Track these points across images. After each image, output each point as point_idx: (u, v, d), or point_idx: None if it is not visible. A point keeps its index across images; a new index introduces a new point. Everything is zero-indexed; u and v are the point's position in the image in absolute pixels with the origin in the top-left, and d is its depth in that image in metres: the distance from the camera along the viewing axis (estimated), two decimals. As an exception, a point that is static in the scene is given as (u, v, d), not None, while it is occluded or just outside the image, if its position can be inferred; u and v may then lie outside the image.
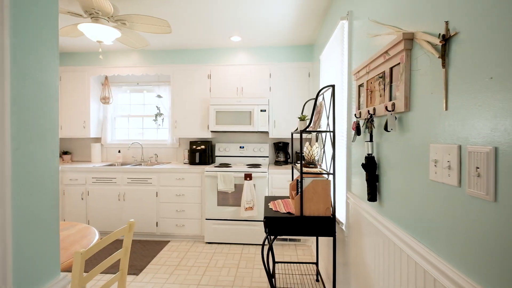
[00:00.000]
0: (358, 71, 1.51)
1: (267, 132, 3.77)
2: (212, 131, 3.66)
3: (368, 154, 1.32)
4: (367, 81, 1.40)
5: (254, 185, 3.25)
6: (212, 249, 3.19)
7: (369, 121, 1.32)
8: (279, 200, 2.32)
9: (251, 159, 3.85)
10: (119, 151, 4.10)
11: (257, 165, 3.62)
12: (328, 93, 2.28)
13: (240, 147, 3.87)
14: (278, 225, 1.87)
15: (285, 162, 3.68)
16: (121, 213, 3.48)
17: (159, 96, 4.03)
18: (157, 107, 4.11)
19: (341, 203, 2.02)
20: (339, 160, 2.06)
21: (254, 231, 3.26)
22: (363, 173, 1.52)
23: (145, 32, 2.51)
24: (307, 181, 1.87)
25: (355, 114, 1.59)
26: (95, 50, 3.86)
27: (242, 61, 3.70)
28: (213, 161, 3.98)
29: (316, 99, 1.94)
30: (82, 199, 3.53)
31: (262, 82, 3.64)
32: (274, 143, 3.80)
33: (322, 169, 2.11)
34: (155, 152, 4.14)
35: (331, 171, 1.97)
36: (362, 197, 1.53)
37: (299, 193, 1.87)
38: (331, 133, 1.90)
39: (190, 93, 3.73)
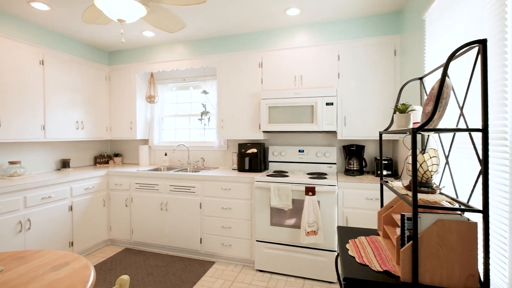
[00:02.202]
0: None
1: (334, 132, 2.92)
2: (264, 131, 2.99)
3: None
4: None
5: (319, 202, 2.47)
6: (264, 280, 2.52)
7: None
8: (363, 239, 1.50)
9: (313, 166, 3.06)
10: (165, 154, 3.76)
11: (321, 175, 2.81)
12: (460, 64, 1.37)
13: (299, 151, 3.11)
14: (369, 295, 1.08)
15: (359, 172, 2.78)
16: (163, 225, 3.08)
17: (204, 92, 3.54)
18: (202, 104, 3.64)
19: (502, 268, 1.11)
20: (495, 184, 1.15)
21: (318, 263, 2.48)
22: None
23: (174, 5, 1.95)
24: (426, 220, 1.04)
25: None
26: (139, 45, 3.57)
27: (301, 42, 2.94)
28: (265, 167, 3.31)
29: (445, 72, 1.06)
30: (126, 206, 3.25)
31: (328, 67, 2.81)
32: (343, 146, 2.94)
33: (451, 197, 1.22)
34: (201, 155, 3.68)
35: (475, 206, 1.08)
36: None
37: (412, 242, 1.05)
38: (483, 133, 1.01)
39: (238, 86, 3.13)
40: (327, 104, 2.67)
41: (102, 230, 3.26)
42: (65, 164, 3.37)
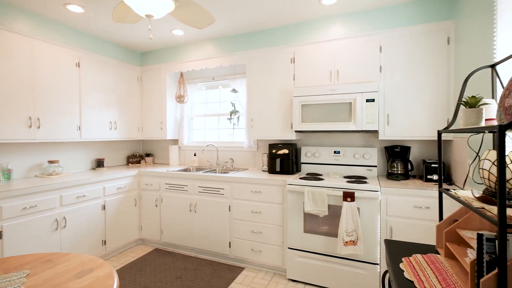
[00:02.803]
0: None
1: (375, 132, 2.65)
2: (296, 131, 2.80)
3: None
4: None
5: (358, 209, 2.23)
6: (296, 292, 2.34)
7: None
8: (420, 258, 1.26)
9: (351, 169, 2.81)
10: (194, 154, 3.72)
11: (360, 178, 2.56)
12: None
13: (335, 152, 2.88)
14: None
15: (404, 176, 2.48)
16: (192, 226, 3.02)
17: (234, 91, 3.43)
18: (231, 103, 3.53)
19: None
20: None
21: (357, 275, 2.24)
22: None
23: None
24: (518, 246, 0.80)
25: None
26: (169, 45, 3.56)
27: (337, 34, 2.71)
28: (297, 170, 3.12)
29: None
30: (156, 206, 3.25)
31: (368, 60, 2.55)
32: (386, 147, 2.65)
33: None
34: (230, 156, 3.58)
35: None
36: None
37: (498, 271, 0.81)
38: None
39: (268, 83, 2.98)
40: (367, 100, 2.41)
41: (133, 229, 3.29)
42: (99, 163, 3.46)
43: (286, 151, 2.87)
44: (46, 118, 2.71)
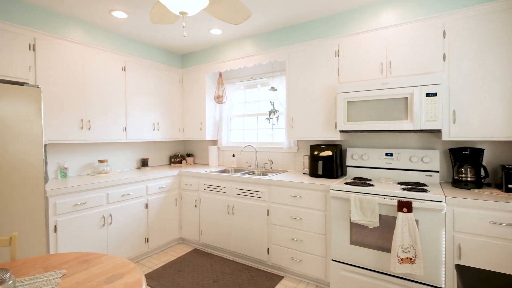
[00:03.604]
0: None
1: (437, 131, 2.26)
2: (341, 131, 2.55)
3: None
4: None
5: (417, 221, 1.91)
6: (341, 310, 2.10)
7: None
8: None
9: (406, 174, 2.46)
10: (233, 155, 3.66)
11: (419, 185, 2.21)
12: None
13: (387, 155, 2.55)
14: None
15: (476, 184, 2.07)
16: (230, 229, 2.95)
17: (273, 89, 3.29)
18: (270, 102, 3.39)
19: None
20: None
21: (415, 299, 1.92)
22: None
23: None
24: None
25: None
26: (208, 45, 3.56)
27: (389, 21, 2.39)
28: (342, 173, 2.85)
29: None
30: (195, 206, 3.26)
31: (428, 48, 2.20)
32: (451, 150, 2.26)
33: None
34: (269, 157, 3.44)
35: None
36: None
37: None
38: None
39: (310, 80, 2.77)
40: (427, 95, 2.07)
41: (174, 228, 3.34)
42: (144, 163, 3.60)
43: (329, 152, 2.64)
44: (96, 120, 2.87)
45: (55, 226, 2.27)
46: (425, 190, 2.00)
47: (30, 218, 2.05)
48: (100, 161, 3.06)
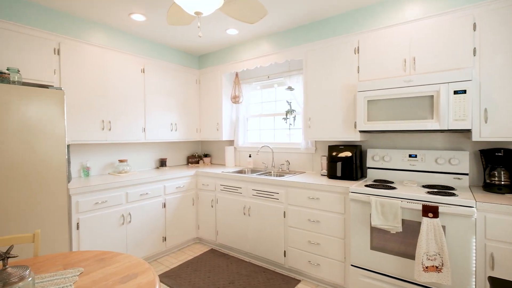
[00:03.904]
0: None
1: (466, 131, 2.10)
2: (361, 131, 2.45)
3: None
4: None
5: (444, 227, 1.79)
6: (361, 318, 2.01)
7: None
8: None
9: (431, 177, 2.32)
10: (249, 156, 3.64)
11: (446, 189, 2.08)
12: None
13: (410, 156, 2.42)
14: None
15: (511, 189, 1.91)
16: (246, 230, 2.93)
17: (290, 89, 3.23)
18: (287, 101, 3.33)
19: None
20: None
21: (442, 310, 1.80)
22: None
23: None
24: None
25: None
26: (224, 46, 3.56)
27: (412, 14, 2.27)
28: (362, 175, 2.74)
29: None
30: (212, 206, 3.26)
31: (456, 42, 2.06)
32: (481, 151, 2.10)
33: None
34: (286, 158, 3.38)
35: None
36: None
37: None
38: None
39: (328, 79, 2.69)
40: (455, 92, 1.93)
41: (191, 228, 3.36)
42: (162, 163, 3.66)
43: (348, 153, 2.54)
44: (116, 121, 2.95)
45: (78, 223, 2.35)
46: (453, 194, 1.87)
47: (54, 216, 2.13)
48: (120, 161, 3.14)
